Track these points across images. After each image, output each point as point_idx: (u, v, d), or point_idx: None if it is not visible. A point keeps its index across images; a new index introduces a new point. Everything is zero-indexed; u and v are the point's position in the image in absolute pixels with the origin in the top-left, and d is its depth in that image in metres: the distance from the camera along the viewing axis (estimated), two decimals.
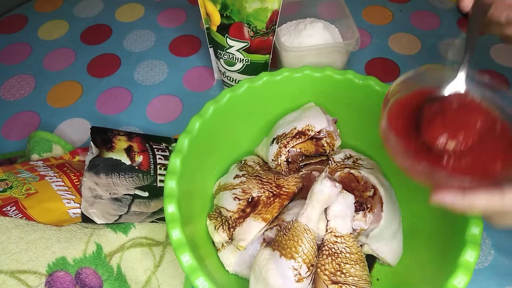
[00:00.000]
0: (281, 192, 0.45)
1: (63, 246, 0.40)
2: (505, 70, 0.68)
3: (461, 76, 0.37)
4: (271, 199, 0.45)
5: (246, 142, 0.52)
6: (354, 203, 0.43)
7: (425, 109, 0.36)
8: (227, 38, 0.53)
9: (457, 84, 0.37)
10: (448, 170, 0.32)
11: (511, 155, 0.33)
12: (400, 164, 0.35)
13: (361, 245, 0.44)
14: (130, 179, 0.48)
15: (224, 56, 0.56)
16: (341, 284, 0.39)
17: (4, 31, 0.75)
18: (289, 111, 0.51)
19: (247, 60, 0.55)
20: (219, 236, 0.44)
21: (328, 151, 0.48)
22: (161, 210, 0.48)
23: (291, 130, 0.47)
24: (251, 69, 0.57)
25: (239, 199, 0.45)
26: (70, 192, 0.45)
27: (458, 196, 0.30)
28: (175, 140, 0.56)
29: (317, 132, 0.46)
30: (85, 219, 0.43)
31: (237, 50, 0.54)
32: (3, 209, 0.41)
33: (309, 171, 0.49)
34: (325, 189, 0.41)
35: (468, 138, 0.33)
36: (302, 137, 0.46)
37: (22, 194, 0.43)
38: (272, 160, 0.47)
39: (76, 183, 0.46)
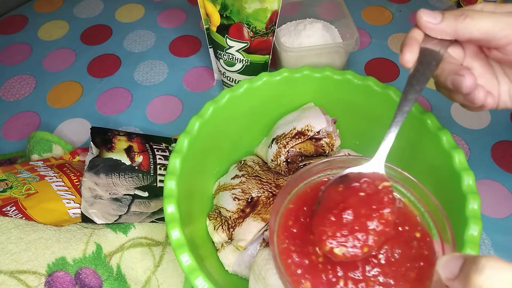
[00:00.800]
0: None
1: (63, 246, 0.41)
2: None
3: (382, 152, 0.27)
4: (271, 199, 0.45)
5: (245, 142, 0.52)
6: None
7: (323, 195, 0.26)
8: (227, 39, 0.53)
9: (375, 164, 0.27)
10: None
11: (424, 284, 0.24)
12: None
13: None
14: (130, 179, 0.48)
15: (224, 56, 0.56)
16: None
17: (4, 31, 0.75)
18: (288, 111, 0.51)
19: (246, 61, 0.55)
20: (219, 236, 0.44)
21: (327, 151, 0.48)
22: (161, 210, 0.48)
23: (291, 130, 0.47)
24: (251, 70, 0.57)
25: (239, 199, 0.45)
26: (70, 192, 0.45)
27: None
28: (175, 140, 0.56)
29: (317, 132, 0.46)
30: (85, 219, 0.43)
31: (237, 51, 0.54)
32: (3, 209, 0.41)
33: None
34: None
35: (370, 246, 0.23)
36: (302, 137, 0.46)
37: (22, 194, 0.43)
38: (272, 160, 0.47)
39: (76, 183, 0.46)
